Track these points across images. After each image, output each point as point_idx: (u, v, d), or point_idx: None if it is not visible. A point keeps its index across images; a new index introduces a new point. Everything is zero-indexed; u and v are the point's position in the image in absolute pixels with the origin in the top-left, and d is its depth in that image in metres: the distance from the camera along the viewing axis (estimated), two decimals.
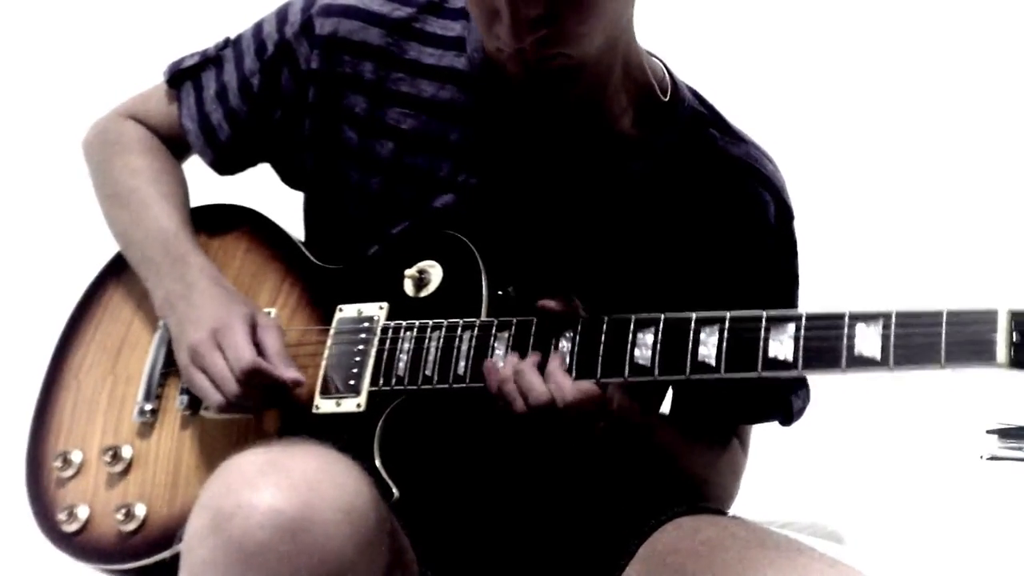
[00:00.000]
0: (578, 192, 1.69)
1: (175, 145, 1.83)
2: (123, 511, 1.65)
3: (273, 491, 1.37)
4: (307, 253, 1.75)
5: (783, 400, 1.75)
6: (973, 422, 2.27)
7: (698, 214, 1.69)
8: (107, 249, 1.81)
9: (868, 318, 1.45)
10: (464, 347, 1.58)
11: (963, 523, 2.15)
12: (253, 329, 1.62)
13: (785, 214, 1.74)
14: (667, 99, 1.70)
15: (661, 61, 1.73)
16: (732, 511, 1.75)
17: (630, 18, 1.64)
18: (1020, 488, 2.17)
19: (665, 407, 1.78)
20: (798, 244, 1.76)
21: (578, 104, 1.66)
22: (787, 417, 1.77)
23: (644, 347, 1.53)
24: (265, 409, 1.63)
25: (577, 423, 1.55)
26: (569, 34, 1.54)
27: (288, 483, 1.38)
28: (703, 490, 1.72)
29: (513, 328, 1.58)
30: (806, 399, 1.78)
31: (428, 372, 1.59)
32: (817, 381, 1.75)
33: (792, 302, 1.76)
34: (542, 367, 1.55)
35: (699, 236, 1.69)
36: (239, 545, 1.36)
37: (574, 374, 1.54)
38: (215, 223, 1.80)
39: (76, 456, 1.72)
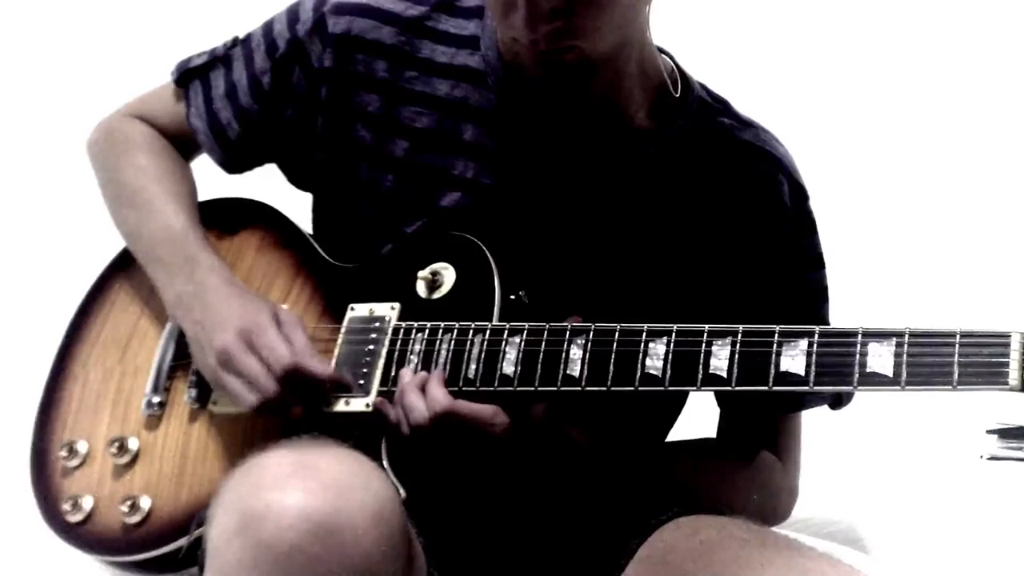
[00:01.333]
0: (593, 186, 1.69)
1: (182, 144, 1.82)
2: (128, 503, 1.65)
3: (303, 493, 1.36)
4: (319, 250, 1.74)
5: None
6: (973, 422, 2.26)
7: (713, 201, 1.70)
8: (114, 244, 1.80)
9: (881, 336, 1.45)
10: (475, 351, 1.58)
11: (961, 523, 2.15)
12: (278, 325, 1.61)
13: (799, 194, 1.74)
14: (678, 94, 1.71)
15: (671, 57, 1.74)
16: None
17: (646, 18, 1.64)
18: (1020, 488, 2.17)
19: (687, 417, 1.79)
20: (816, 223, 1.76)
21: (595, 102, 1.66)
22: (836, 400, 1.75)
23: (656, 357, 1.52)
24: (295, 407, 1.61)
25: (467, 440, 1.55)
26: (583, 28, 1.55)
27: (318, 485, 1.36)
28: (722, 507, 1.68)
29: (524, 334, 1.57)
30: None
31: None
32: None
33: (817, 284, 1.76)
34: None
35: (716, 224, 1.70)
36: (269, 546, 1.34)
37: (584, 383, 1.54)
38: (226, 219, 1.80)
39: (82, 446, 1.71)
